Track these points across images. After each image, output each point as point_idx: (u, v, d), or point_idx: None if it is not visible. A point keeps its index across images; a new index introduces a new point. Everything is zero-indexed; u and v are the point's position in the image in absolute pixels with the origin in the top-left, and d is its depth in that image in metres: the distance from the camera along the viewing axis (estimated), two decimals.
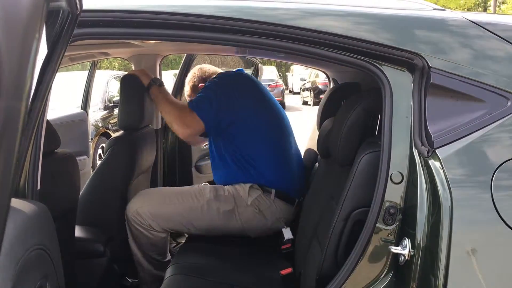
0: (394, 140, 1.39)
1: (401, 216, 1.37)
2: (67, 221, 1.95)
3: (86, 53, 2.59)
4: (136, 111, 2.42)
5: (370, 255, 1.39)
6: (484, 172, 1.29)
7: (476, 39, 1.43)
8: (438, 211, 1.25)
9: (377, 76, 1.43)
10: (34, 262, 0.93)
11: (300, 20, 1.46)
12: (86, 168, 4.20)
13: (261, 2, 1.52)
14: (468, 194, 1.31)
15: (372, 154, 1.50)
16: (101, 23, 1.45)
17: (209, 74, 2.68)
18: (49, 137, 1.61)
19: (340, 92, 2.44)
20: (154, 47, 2.79)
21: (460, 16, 1.51)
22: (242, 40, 1.48)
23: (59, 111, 4.31)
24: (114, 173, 2.43)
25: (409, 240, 1.32)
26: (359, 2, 1.63)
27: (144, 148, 2.60)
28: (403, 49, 1.40)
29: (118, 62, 19.93)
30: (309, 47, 1.45)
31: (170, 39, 1.55)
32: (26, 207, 1.02)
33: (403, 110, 1.39)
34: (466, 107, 1.37)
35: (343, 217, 1.53)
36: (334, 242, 1.55)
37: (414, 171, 1.35)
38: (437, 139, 1.33)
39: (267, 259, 2.27)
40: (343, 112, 1.80)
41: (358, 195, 1.52)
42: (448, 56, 1.40)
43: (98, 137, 6.44)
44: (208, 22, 1.43)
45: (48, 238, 1.08)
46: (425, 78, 1.39)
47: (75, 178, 1.98)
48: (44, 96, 1.21)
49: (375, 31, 1.45)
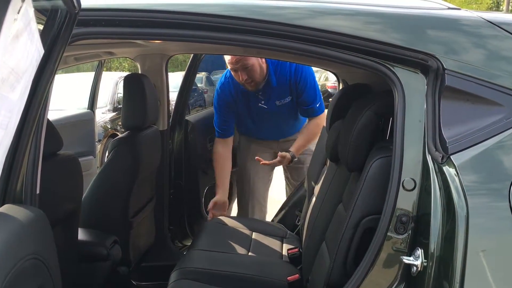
0: (407, 145, 1.33)
1: (414, 225, 1.32)
2: (70, 224, 1.92)
3: (91, 53, 2.55)
4: (139, 110, 2.39)
5: (380, 264, 1.34)
6: (501, 180, 1.24)
7: (493, 39, 1.37)
8: (453, 219, 1.20)
9: (389, 78, 1.38)
10: (27, 273, 0.89)
11: (309, 20, 1.41)
12: (93, 169, 4.17)
13: (269, 1, 1.47)
14: (484, 202, 1.25)
15: (384, 159, 1.45)
16: (103, 22, 1.41)
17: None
18: (50, 139, 1.57)
19: (350, 94, 2.38)
20: (160, 47, 2.75)
21: (476, 15, 1.44)
22: (249, 40, 1.43)
23: (68, 111, 4.30)
24: (118, 174, 2.39)
25: (422, 250, 1.26)
26: (370, 1, 1.58)
27: (148, 149, 2.57)
28: (417, 50, 1.34)
29: (128, 63, 19.98)
30: (317, 48, 1.40)
31: (175, 38, 1.50)
32: (21, 213, 0.98)
33: (416, 114, 1.34)
34: (482, 111, 1.31)
35: (353, 224, 1.48)
36: (343, 250, 1.50)
37: (427, 177, 1.30)
38: (452, 144, 1.27)
39: (274, 265, 2.22)
40: (353, 114, 1.74)
41: (368, 201, 1.46)
42: (463, 57, 1.34)
43: (107, 138, 6.41)
44: (214, 21, 1.39)
45: (44, 246, 1.03)
46: (439, 81, 1.33)
47: (78, 180, 1.94)
48: (43, 97, 1.17)
49: (386, 31, 1.39)
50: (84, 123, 4.27)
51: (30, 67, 0.84)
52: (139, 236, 2.62)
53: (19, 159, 1.12)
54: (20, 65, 0.73)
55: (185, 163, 3.13)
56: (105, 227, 2.32)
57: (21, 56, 0.70)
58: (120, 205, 2.39)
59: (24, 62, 0.75)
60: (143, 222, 2.63)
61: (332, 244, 1.66)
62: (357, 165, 1.64)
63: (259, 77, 2.82)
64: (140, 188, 2.52)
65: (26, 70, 0.80)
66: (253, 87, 2.85)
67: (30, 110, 1.11)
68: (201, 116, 3.50)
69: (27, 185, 1.22)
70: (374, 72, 1.40)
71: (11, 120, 0.79)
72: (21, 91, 0.82)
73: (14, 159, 1.10)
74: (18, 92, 0.79)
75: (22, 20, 0.66)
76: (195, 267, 2.10)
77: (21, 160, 1.14)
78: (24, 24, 0.68)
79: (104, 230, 2.30)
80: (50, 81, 1.15)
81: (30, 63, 0.83)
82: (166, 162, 2.98)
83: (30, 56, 0.80)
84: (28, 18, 0.70)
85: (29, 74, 0.87)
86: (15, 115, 0.85)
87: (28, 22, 0.71)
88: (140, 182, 2.49)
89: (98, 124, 5.46)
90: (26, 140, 1.14)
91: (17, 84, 0.74)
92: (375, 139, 1.67)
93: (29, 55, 0.79)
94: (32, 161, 1.25)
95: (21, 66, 0.74)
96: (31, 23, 0.73)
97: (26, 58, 0.77)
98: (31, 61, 0.83)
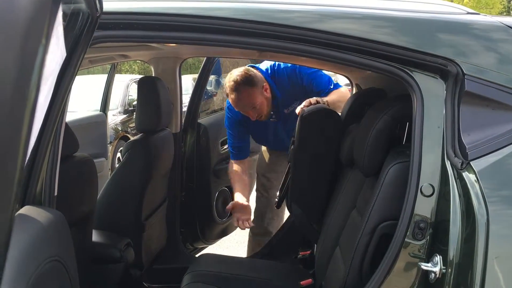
0: (425, 151, 1.32)
1: (432, 231, 1.30)
2: (85, 226, 1.93)
3: (106, 56, 2.56)
4: (153, 113, 2.40)
5: (397, 271, 1.33)
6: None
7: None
8: (473, 226, 1.18)
9: (407, 83, 1.37)
10: (48, 275, 0.89)
11: (326, 24, 1.40)
12: (104, 171, 4.19)
13: (278, 4, 1.47)
14: (505, 209, 1.24)
15: (401, 164, 1.43)
16: (121, 26, 1.41)
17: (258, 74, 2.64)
18: (68, 141, 1.58)
19: (364, 98, 2.37)
20: (174, 50, 2.75)
21: (496, 20, 1.43)
22: (264, 43, 1.43)
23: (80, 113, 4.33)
24: (131, 176, 2.40)
25: (440, 257, 1.25)
26: (390, 5, 1.57)
27: (161, 151, 2.57)
28: (436, 54, 1.33)
29: (138, 66, 20.07)
30: (334, 52, 1.39)
31: (187, 42, 1.51)
32: (42, 215, 0.98)
33: (435, 119, 1.33)
34: (502, 116, 1.30)
35: (369, 230, 1.47)
36: (359, 256, 1.48)
37: (446, 183, 1.28)
38: (471, 150, 1.26)
39: (287, 269, 2.21)
40: (369, 119, 1.73)
41: (385, 207, 1.45)
42: (483, 62, 1.33)
43: (118, 140, 6.45)
44: (225, 24, 1.39)
45: (64, 248, 1.04)
46: (459, 86, 1.32)
47: (94, 183, 1.95)
48: (63, 100, 1.18)
49: (405, 36, 1.38)
50: (97, 125, 4.29)
51: (55, 69, 0.85)
52: (152, 239, 2.63)
53: (39, 161, 1.13)
54: (48, 68, 0.74)
55: (197, 166, 3.13)
56: (118, 229, 2.33)
57: (50, 59, 0.71)
58: (133, 208, 2.40)
59: (50, 65, 0.76)
60: (155, 224, 2.64)
61: (347, 250, 1.65)
62: (373, 170, 1.62)
63: (268, 108, 2.68)
64: (153, 190, 2.53)
65: (51, 73, 0.81)
66: (265, 117, 2.72)
67: (51, 112, 1.12)
68: (214, 119, 3.50)
69: (46, 187, 1.23)
70: (392, 77, 1.39)
71: (37, 122, 0.79)
72: (45, 93, 0.82)
73: (34, 161, 1.10)
74: (44, 94, 0.79)
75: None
76: (208, 270, 2.10)
77: (41, 162, 1.14)
78: (54, 27, 0.69)
79: (117, 232, 2.31)
80: (70, 83, 1.16)
81: (55, 66, 0.84)
82: (178, 165, 2.98)
83: (56, 59, 0.81)
84: (58, 21, 0.70)
85: (53, 77, 0.87)
86: (38, 117, 0.86)
87: (58, 25, 0.71)
88: (153, 185, 2.49)
89: (109, 126, 5.49)
90: (47, 142, 1.14)
91: (44, 87, 0.75)
92: (391, 144, 1.66)
93: (55, 58, 0.79)
94: (51, 163, 1.26)
95: (48, 69, 0.74)
96: (59, 26, 0.74)
97: (52, 61, 0.78)
98: (56, 64, 0.84)
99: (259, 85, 2.59)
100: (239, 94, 2.53)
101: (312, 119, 2.22)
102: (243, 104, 2.58)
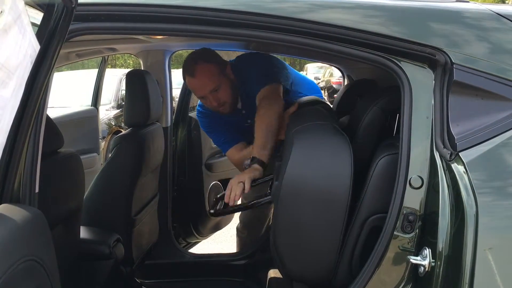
0: (414, 142, 1.29)
1: (421, 224, 1.29)
2: (71, 223, 1.90)
3: (93, 49, 2.53)
4: (142, 107, 2.36)
5: (387, 264, 1.31)
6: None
7: (503, 32, 1.34)
8: (462, 218, 1.16)
9: (395, 72, 1.34)
10: (23, 275, 0.86)
11: (310, 13, 1.37)
12: (96, 166, 4.15)
13: None
14: (495, 200, 1.22)
15: (390, 156, 1.41)
16: (103, 17, 1.38)
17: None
18: (50, 136, 1.55)
19: (355, 89, 2.35)
20: (163, 43, 2.72)
21: (485, 8, 1.40)
22: (250, 34, 1.40)
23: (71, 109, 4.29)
24: (120, 172, 2.37)
25: (429, 250, 1.23)
26: None
27: (151, 146, 2.54)
28: (424, 43, 1.31)
29: (133, 60, 19.98)
30: (319, 42, 1.37)
31: (174, 33, 1.47)
32: (17, 214, 0.95)
33: (423, 110, 1.30)
34: (492, 106, 1.28)
35: (359, 223, 1.45)
36: (348, 250, 1.46)
37: (435, 175, 1.26)
38: (460, 141, 1.24)
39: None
40: (359, 110, 1.70)
41: (374, 200, 1.43)
42: (473, 51, 1.30)
43: (111, 135, 6.40)
44: (214, 15, 1.36)
45: (41, 247, 1.01)
46: (447, 75, 1.29)
47: (80, 178, 1.91)
48: (40, 93, 1.14)
49: (391, 25, 1.36)
50: (88, 120, 4.25)
51: (23, 62, 0.81)
52: (142, 234, 2.60)
53: (16, 157, 1.09)
54: (11, 61, 0.70)
55: (189, 160, 3.10)
56: (108, 225, 2.30)
57: (12, 51, 0.67)
58: (123, 203, 2.36)
59: (16, 57, 0.72)
60: (146, 220, 2.61)
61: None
62: (363, 162, 1.60)
63: (232, 93, 2.25)
64: (143, 185, 2.49)
65: (18, 66, 0.77)
66: (228, 108, 2.29)
67: (27, 107, 1.08)
68: None
69: (25, 184, 1.19)
70: (380, 67, 1.37)
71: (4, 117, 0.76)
72: (14, 87, 0.79)
73: (11, 157, 1.07)
74: (11, 88, 0.76)
75: (10, 14, 0.63)
76: None
77: (18, 158, 1.11)
78: (13, 17, 0.65)
79: (107, 228, 2.28)
80: (47, 77, 1.12)
81: (24, 59, 0.80)
82: (169, 159, 2.95)
83: (23, 52, 0.78)
84: (17, 11, 0.67)
85: (23, 70, 0.84)
86: (8, 112, 0.82)
87: (18, 15, 0.68)
88: (143, 180, 2.46)
89: (102, 121, 5.44)
90: (23, 138, 1.10)
91: (9, 81, 0.71)
92: (381, 135, 1.63)
93: (21, 50, 0.76)
94: (31, 159, 1.23)
95: (12, 62, 0.71)
96: (22, 16, 0.70)
97: (18, 53, 0.74)
98: (25, 57, 0.80)
99: (220, 61, 2.25)
100: (195, 71, 2.16)
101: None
102: (201, 83, 2.19)
